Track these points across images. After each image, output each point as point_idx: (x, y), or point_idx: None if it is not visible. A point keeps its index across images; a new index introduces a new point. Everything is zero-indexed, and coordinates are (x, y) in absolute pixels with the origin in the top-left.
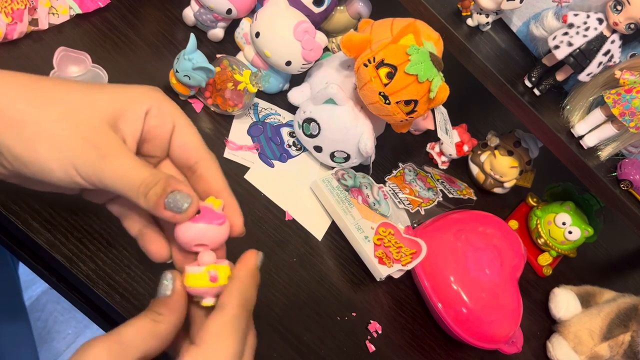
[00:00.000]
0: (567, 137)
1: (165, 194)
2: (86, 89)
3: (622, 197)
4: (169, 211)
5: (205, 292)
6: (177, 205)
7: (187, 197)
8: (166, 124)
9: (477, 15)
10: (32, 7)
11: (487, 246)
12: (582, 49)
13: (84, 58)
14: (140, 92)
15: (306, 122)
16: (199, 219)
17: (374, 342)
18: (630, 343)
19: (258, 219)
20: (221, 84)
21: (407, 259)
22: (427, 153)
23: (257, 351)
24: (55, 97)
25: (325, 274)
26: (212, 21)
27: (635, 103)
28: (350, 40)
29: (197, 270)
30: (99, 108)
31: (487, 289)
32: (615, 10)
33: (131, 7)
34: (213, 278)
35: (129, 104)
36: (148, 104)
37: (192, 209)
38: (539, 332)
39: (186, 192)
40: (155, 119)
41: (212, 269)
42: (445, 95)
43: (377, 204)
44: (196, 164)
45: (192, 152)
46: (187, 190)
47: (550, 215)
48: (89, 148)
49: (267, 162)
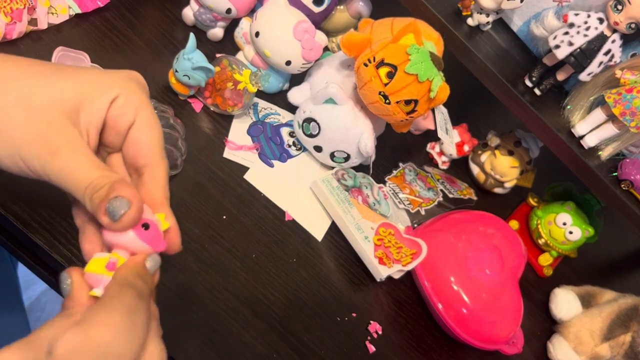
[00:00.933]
0: (568, 137)
1: (108, 198)
2: (52, 75)
3: (623, 197)
4: (108, 218)
5: (98, 280)
6: (115, 213)
7: (125, 205)
8: (126, 116)
9: (477, 14)
10: (32, 6)
11: (487, 246)
12: (583, 48)
13: (83, 58)
14: (110, 79)
15: (306, 122)
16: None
17: (374, 342)
18: (631, 343)
19: (258, 219)
20: (221, 83)
21: (407, 259)
22: (427, 153)
23: (257, 351)
24: (15, 81)
25: (325, 274)
26: (211, 21)
27: (636, 103)
28: (351, 39)
29: (99, 256)
30: (59, 97)
31: (488, 290)
32: (615, 9)
33: (130, 7)
34: (111, 265)
35: (95, 93)
36: (115, 92)
37: (126, 220)
38: (540, 332)
39: (127, 199)
40: (118, 109)
41: (114, 256)
42: (445, 95)
43: (377, 204)
44: (144, 167)
45: (142, 152)
46: (130, 197)
47: (551, 215)
48: (39, 142)
49: (267, 162)
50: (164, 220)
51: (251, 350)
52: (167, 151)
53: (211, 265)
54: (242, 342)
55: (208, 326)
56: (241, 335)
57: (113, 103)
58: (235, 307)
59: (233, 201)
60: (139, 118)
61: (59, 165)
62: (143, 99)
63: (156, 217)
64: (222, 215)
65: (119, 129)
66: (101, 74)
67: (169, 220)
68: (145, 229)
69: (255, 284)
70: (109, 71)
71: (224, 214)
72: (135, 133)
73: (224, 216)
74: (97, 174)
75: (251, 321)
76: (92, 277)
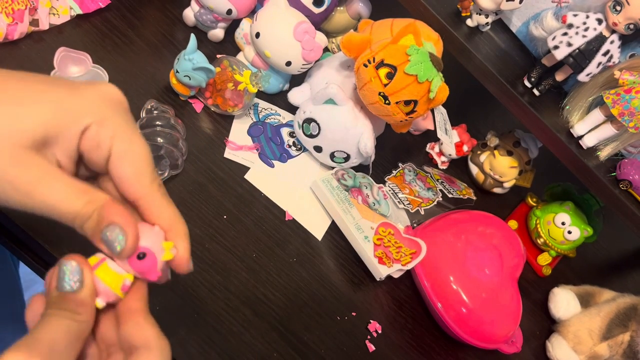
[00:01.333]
0: (567, 137)
1: (100, 229)
2: (16, 102)
3: (622, 197)
4: (105, 246)
5: (106, 294)
6: (111, 245)
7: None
8: (101, 149)
9: (476, 15)
10: (33, 7)
11: (486, 246)
12: (582, 49)
13: (85, 58)
14: (80, 105)
15: (306, 122)
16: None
17: (374, 341)
18: (629, 343)
19: (258, 219)
20: (221, 84)
21: (407, 258)
22: (426, 153)
23: (258, 351)
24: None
25: (325, 274)
26: (212, 21)
27: (635, 103)
28: (350, 40)
29: (116, 270)
30: (23, 128)
31: (487, 289)
32: (614, 10)
33: (131, 8)
34: (125, 287)
35: (61, 125)
36: (85, 122)
37: (127, 251)
38: (539, 331)
39: (123, 229)
40: (90, 140)
41: (129, 278)
42: (444, 96)
43: (377, 204)
44: (137, 201)
45: (129, 189)
46: (123, 222)
47: (550, 215)
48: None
49: (267, 162)
50: (169, 251)
51: (251, 350)
52: (168, 151)
53: (212, 264)
54: (242, 341)
55: (208, 325)
56: (241, 335)
57: (84, 134)
58: (235, 307)
59: (233, 201)
60: (115, 150)
61: (39, 202)
62: (118, 126)
63: (160, 246)
64: (223, 215)
65: (96, 162)
66: (70, 97)
67: (174, 252)
68: (139, 258)
69: (256, 283)
70: (79, 90)
71: (225, 214)
72: (114, 169)
73: (225, 216)
74: (81, 201)
75: (251, 320)
76: (100, 285)
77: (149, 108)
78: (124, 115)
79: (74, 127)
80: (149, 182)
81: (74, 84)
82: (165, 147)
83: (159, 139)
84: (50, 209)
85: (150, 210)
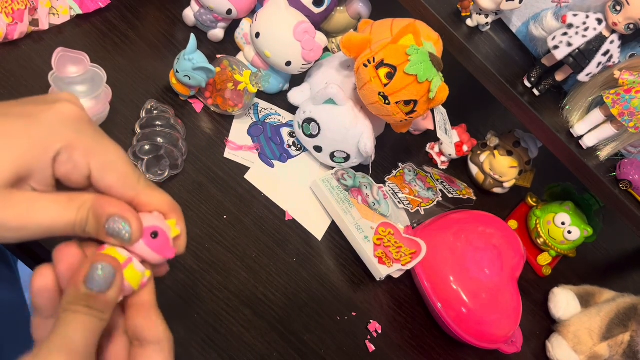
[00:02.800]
0: (567, 137)
1: (102, 226)
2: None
3: (622, 197)
4: (114, 239)
5: (127, 291)
6: (119, 235)
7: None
8: (79, 170)
9: (476, 15)
10: (33, 7)
11: (486, 246)
12: (582, 49)
13: (83, 58)
14: (45, 134)
15: (306, 122)
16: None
17: (374, 341)
18: (629, 343)
19: (258, 219)
20: (221, 84)
21: (407, 258)
22: (426, 153)
23: (258, 351)
24: None
25: (325, 274)
26: (212, 21)
27: (635, 103)
28: (350, 40)
29: (139, 269)
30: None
31: (487, 289)
32: (614, 10)
33: (131, 8)
34: (143, 284)
35: (31, 156)
36: (55, 149)
37: (135, 235)
38: (539, 331)
39: (122, 216)
40: (65, 165)
41: (148, 275)
42: (444, 96)
43: (377, 204)
44: (130, 201)
45: (120, 192)
46: (121, 212)
47: (550, 215)
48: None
49: (267, 162)
50: (174, 227)
51: (251, 350)
52: (168, 151)
53: (212, 264)
54: (242, 341)
55: (209, 325)
56: (242, 335)
57: (56, 162)
58: (235, 307)
59: (233, 201)
60: (94, 166)
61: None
62: (88, 143)
63: (166, 224)
64: (223, 215)
65: (77, 181)
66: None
67: (179, 227)
68: (153, 237)
69: (256, 283)
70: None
71: (225, 214)
72: (99, 182)
73: (225, 216)
74: (72, 210)
75: (251, 320)
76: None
77: (149, 108)
78: (89, 129)
79: (44, 158)
80: (136, 182)
81: (30, 112)
82: (165, 147)
83: (159, 139)
84: (48, 229)
85: (144, 204)
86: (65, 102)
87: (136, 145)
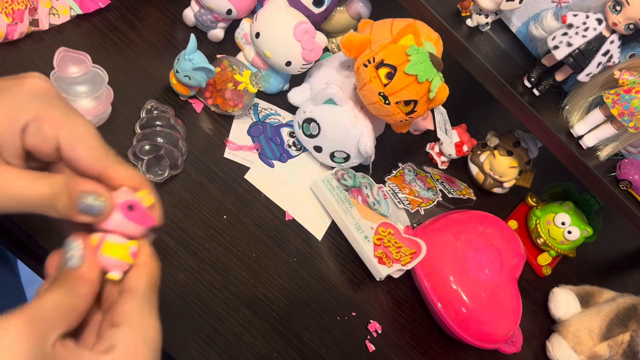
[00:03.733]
0: (567, 137)
1: (74, 201)
2: None
3: (622, 197)
4: (86, 216)
5: (119, 265)
6: (92, 209)
7: (98, 197)
8: (48, 141)
9: (476, 15)
10: (33, 7)
11: (486, 246)
12: (582, 49)
13: (84, 58)
14: (14, 106)
15: (306, 122)
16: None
17: (374, 341)
18: (629, 343)
19: (258, 219)
20: (221, 84)
21: (407, 258)
22: (426, 153)
23: (258, 351)
24: None
25: (325, 274)
26: (212, 21)
27: (635, 103)
28: (350, 40)
29: (119, 241)
30: None
31: (487, 289)
32: (614, 10)
33: (131, 8)
34: (134, 254)
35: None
36: (23, 120)
37: (107, 209)
38: (539, 331)
39: (94, 191)
40: (33, 137)
41: (134, 245)
42: (444, 96)
43: (377, 204)
44: (99, 175)
45: (87, 167)
46: (93, 188)
47: (550, 215)
48: None
49: (267, 162)
50: (147, 196)
51: (251, 350)
52: (168, 151)
53: (212, 264)
54: (242, 341)
55: (208, 325)
56: (241, 335)
57: (25, 133)
58: (235, 307)
59: (233, 201)
60: (63, 138)
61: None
62: (56, 115)
63: (138, 196)
64: (223, 215)
65: (46, 153)
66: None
67: (152, 197)
68: (130, 209)
69: (256, 283)
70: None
71: (225, 214)
72: (68, 154)
73: (225, 216)
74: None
75: (251, 320)
76: (110, 260)
77: (149, 108)
78: (58, 102)
79: (12, 128)
80: (105, 155)
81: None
82: (165, 147)
83: (159, 139)
84: (21, 201)
85: (113, 178)
86: (35, 77)
87: (136, 145)
